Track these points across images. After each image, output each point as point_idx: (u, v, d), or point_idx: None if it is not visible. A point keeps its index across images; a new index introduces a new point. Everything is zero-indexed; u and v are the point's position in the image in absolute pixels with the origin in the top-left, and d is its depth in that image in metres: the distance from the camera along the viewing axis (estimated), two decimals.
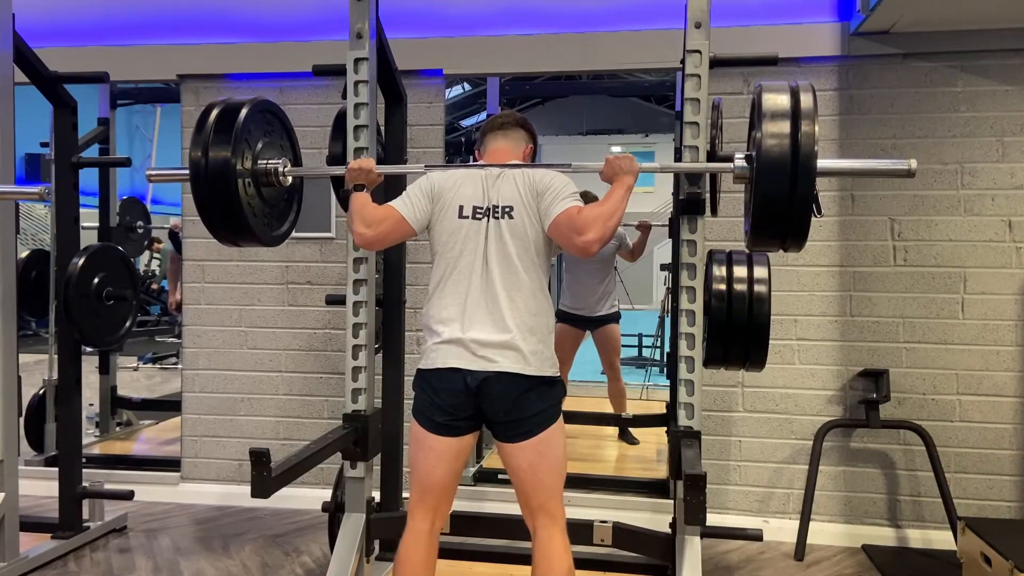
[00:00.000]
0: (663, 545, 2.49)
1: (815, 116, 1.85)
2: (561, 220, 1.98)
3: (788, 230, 1.93)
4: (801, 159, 1.83)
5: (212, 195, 2.20)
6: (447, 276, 2.06)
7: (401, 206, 2.12)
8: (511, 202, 2.05)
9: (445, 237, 2.08)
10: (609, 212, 1.95)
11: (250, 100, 2.31)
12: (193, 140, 2.22)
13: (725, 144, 2.68)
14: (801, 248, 1.99)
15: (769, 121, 1.87)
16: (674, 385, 2.76)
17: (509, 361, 1.97)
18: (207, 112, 2.25)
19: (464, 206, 2.07)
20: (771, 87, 1.96)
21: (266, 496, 2.04)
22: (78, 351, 3.31)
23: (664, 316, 6.59)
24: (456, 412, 2.03)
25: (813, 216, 1.92)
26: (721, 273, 2.41)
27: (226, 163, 2.17)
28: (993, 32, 3.22)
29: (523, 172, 2.09)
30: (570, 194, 2.02)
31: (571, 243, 1.97)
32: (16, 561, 2.91)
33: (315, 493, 3.59)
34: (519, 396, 1.98)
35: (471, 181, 2.10)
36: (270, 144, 2.39)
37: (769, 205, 1.89)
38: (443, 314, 2.04)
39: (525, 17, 3.58)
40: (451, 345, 2.01)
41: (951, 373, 3.34)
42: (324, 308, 3.73)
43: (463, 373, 1.99)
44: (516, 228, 2.03)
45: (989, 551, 2.66)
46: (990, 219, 3.30)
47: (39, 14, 3.64)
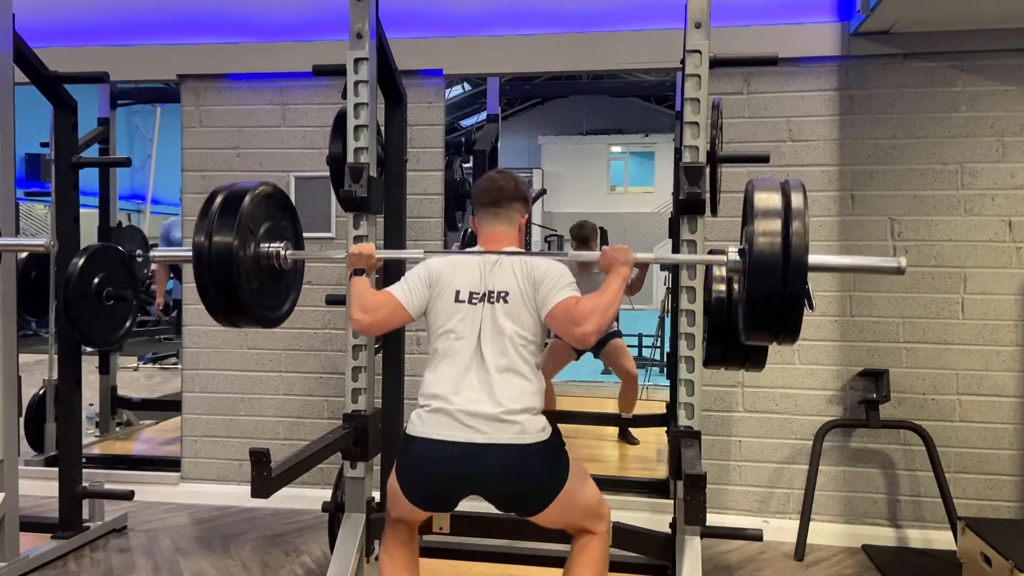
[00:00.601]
0: (663, 545, 2.49)
1: (806, 215, 1.87)
2: (558, 311, 1.99)
3: (780, 325, 1.93)
4: (792, 258, 1.85)
5: (213, 280, 2.20)
6: (442, 356, 2.06)
7: (399, 293, 2.14)
8: (507, 288, 2.06)
9: (441, 320, 2.08)
10: (606, 304, 1.97)
11: (254, 187, 2.32)
12: (197, 225, 2.23)
13: (725, 144, 2.68)
14: (793, 342, 1.98)
15: (760, 219, 1.89)
16: (674, 385, 2.76)
17: (500, 433, 1.92)
18: (212, 197, 2.26)
19: (461, 291, 2.09)
20: (763, 185, 1.97)
21: (266, 496, 2.04)
22: (78, 351, 3.31)
23: (664, 316, 6.59)
24: (439, 491, 2.00)
25: (807, 311, 1.94)
26: (721, 273, 2.41)
27: (228, 250, 2.18)
28: (993, 32, 3.22)
29: (521, 260, 2.10)
30: (567, 284, 2.04)
31: (569, 333, 1.98)
32: (16, 561, 2.91)
33: (315, 493, 3.59)
34: (516, 468, 1.93)
35: (469, 268, 2.12)
36: (272, 228, 2.39)
37: (761, 301, 1.91)
38: (434, 389, 2.01)
39: (525, 17, 3.58)
40: (438, 414, 1.97)
41: (951, 373, 3.34)
42: (324, 308, 3.73)
43: (449, 445, 1.93)
44: (511, 312, 2.04)
45: (989, 551, 2.66)
46: (990, 219, 3.30)
47: (39, 14, 3.64)
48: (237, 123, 3.87)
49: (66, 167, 3.23)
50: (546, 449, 1.97)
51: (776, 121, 3.44)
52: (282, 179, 3.81)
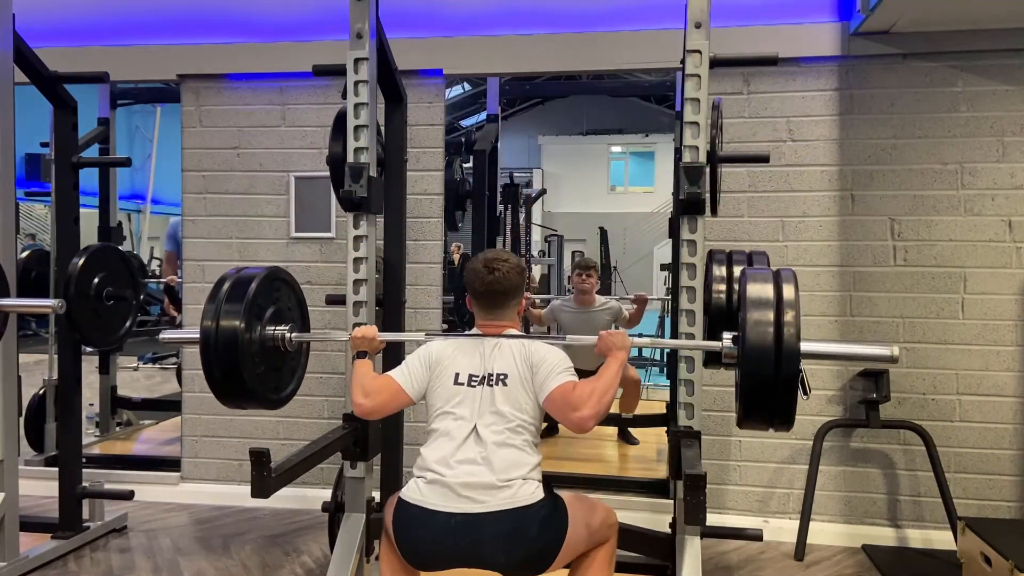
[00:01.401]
0: (663, 545, 2.48)
1: (798, 304, 1.92)
2: (556, 395, 2.00)
3: (775, 411, 1.96)
4: (784, 346, 1.90)
5: (219, 363, 2.23)
6: (439, 435, 2.05)
7: (399, 377, 2.15)
8: (506, 371, 2.07)
9: (440, 402, 2.09)
10: (604, 388, 1.97)
11: (262, 272, 2.34)
12: (205, 310, 2.26)
13: (725, 144, 2.68)
14: (789, 428, 2.01)
15: (753, 308, 1.94)
16: (674, 385, 2.77)
17: (496, 500, 1.92)
18: (220, 283, 2.29)
19: (460, 373, 2.10)
20: (755, 276, 2.01)
21: (266, 496, 2.04)
22: (78, 351, 3.31)
23: (664, 316, 6.59)
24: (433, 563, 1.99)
25: (802, 398, 1.97)
26: (721, 273, 2.41)
27: (235, 333, 2.20)
28: (993, 32, 3.22)
29: (520, 344, 2.11)
30: (564, 369, 2.04)
31: (567, 418, 1.98)
32: (16, 561, 2.91)
33: (315, 493, 3.59)
34: (516, 535, 1.92)
35: (469, 351, 2.13)
36: (278, 311, 2.41)
37: (755, 387, 1.94)
38: (430, 464, 2.01)
39: (525, 17, 3.58)
40: (434, 485, 1.96)
41: (951, 373, 3.34)
42: (324, 308, 3.72)
43: (445, 516, 1.92)
44: (510, 395, 2.04)
45: (989, 551, 2.66)
46: (990, 219, 3.30)
47: (39, 14, 3.63)
48: (237, 123, 3.87)
49: (66, 167, 3.23)
50: (542, 508, 1.96)
51: (776, 121, 3.44)
52: (282, 179, 3.82)
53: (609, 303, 4.63)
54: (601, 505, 2.17)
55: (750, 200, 3.45)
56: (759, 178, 3.44)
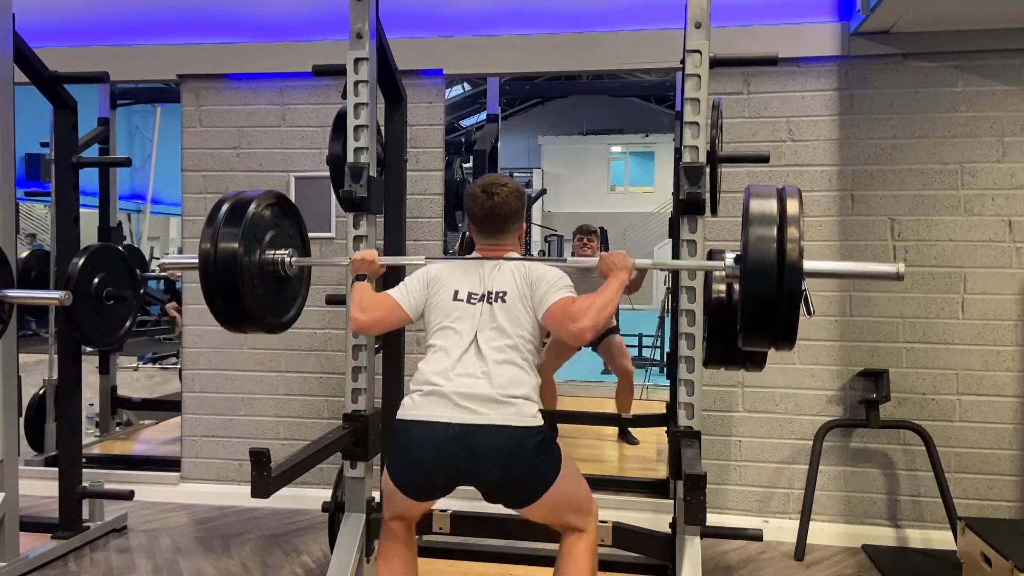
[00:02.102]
0: (663, 545, 2.49)
1: (801, 221, 1.89)
2: (555, 309, 2.01)
3: (777, 330, 1.94)
4: (787, 263, 1.86)
5: (219, 286, 2.23)
6: (437, 349, 2.06)
7: (397, 294, 2.16)
8: (506, 288, 2.08)
9: (439, 317, 2.10)
10: (603, 303, 1.99)
11: (260, 194, 2.35)
12: (203, 233, 2.26)
13: (725, 144, 2.68)
14: (791, 348, 1.99)
15: (756, 225, 1.91)
16: (674, 385, 2.77)
17: (496, 414, 1.92)
18: (218, 206, 2.29)
19: (459, 290, 2.11)
20: (759, 192, 1.99)
21: (266, 496, 2.04)
22: (78, 351, 3.31)
23: (664, 316, 6.59)
24: (433, 476, 1.98)
25: (805, 316, 1.94)
26: (721, 274, 2.40)
27: (234, 256, 2.21)
28: (993, 32, 3.22)
29: (520, 264, 2.12)
30: (564, 286, 2.06)
31: (565, 329, 2.00)
32: (16, 561, 2.91)
33: (315, 493, 3.59)
34: (513, 452, 1.92)
35: (468, 271, 2.14)
36: (279, 235, 2.42)
37: (757, 305, 1.92)
38: (427, 376, 2.01)
39: (525, 17, 3.58)
40: (432, 396, 1.96)
41: (951, 373, 3.34)
42: (324, 308, 3.72)
43: (443, 426, 1.92)
44: (510, 311, 2.05)
45: (989, 551, 2.66)
46: (990, 219, 3.30)
47: (39, 14, 3.63)
48: (237, 123, 3.87)
49: (66, 167, 3.23)
50: (541, 436, 1.97)
51: (776, 121, 3.44)
52: (282, 179, 3.82)
53: None
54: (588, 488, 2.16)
55: None
56: (759, 178, 3.44)
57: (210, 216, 2.28)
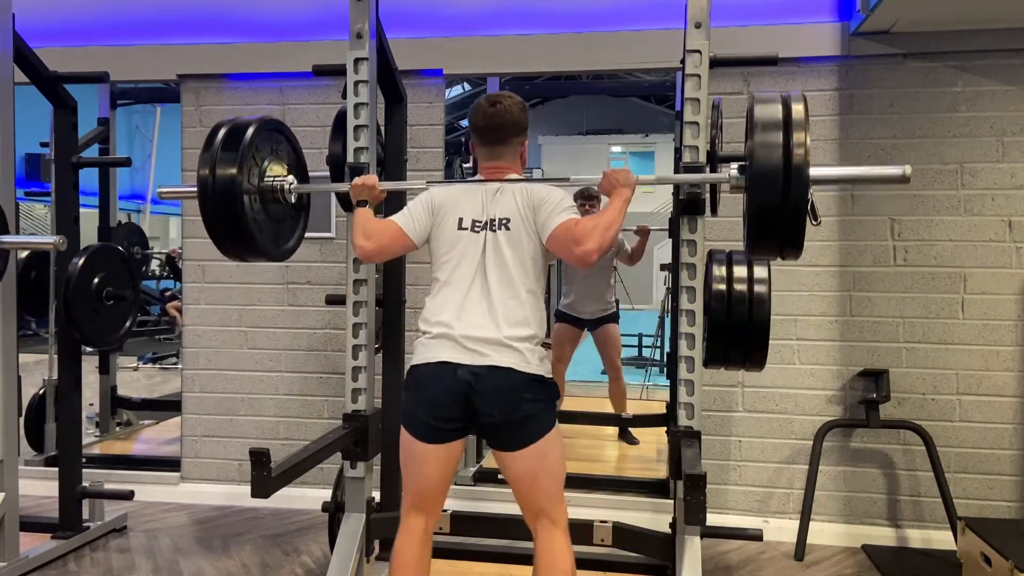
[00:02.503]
0: (663, 545, 2.49)
1: (806, 126, 1.87)
2: (559, 232, 2.01)
3: (784, 238, 1.95)
4: (793, 168, 1.85)
5: (219, 212, 2.23)
6: (444, 283, 2.08)
7: (401, 220, 2.16)
8: (509, 214, 2.08)
9: (444, 248, 2.10)
10: (607, 223, 1.98)
11: (257, 119, 2.34)
12: (201, 158, 2.25)
13: (725, 144, 2.68)
14: (799, 256, 2.02)
15: (761, 131, 1.89)
16: (674, 385, 2.76)
17: (502, 356, 1.96)
18: (215, 131, 2.28)
19: (463, 218, 2.10)
20: (763, 97, 1.98)
21: (266, 496, 2.05)
22: (78, 351, 3.31)
23: (664, 316, 6.59)
24: (443, 412, 2.00)
25: (811, 223, 1.93)
26: (721, 273, 2.41)
27: (233, 181, 2.20)
28: (993, 32, 3.22)
29: (522, 187, 2.11)
30: (567, 207, 2.05)
31: (570, 253, 2.00)
32: (16, 561, 2.91)
33: (315, 493, 3.59)
34: (515, 393, 1.96)
35: (471, 196, 2.14)
36: (277, 161, 2.42)
37: (764, 214, 1.92)
38: (436, 316, 2.05)
39: (525, 17, 3.58)
40: (442, 340, 2.01)
41: (951, 373, 3.34)
42: (324, 308, 3.73)
43: (453, 367, 1.97)
44: (513, 239, 2.06)
45: (989, 551, 2.66)
46: (990, 219, 3.30)
47: (39, 14, 3.63)
48: None
49: (66, 167, 3.23)
50: (544, 384, 2.01)
51: None
52: None
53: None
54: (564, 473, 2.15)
55: None
56: None
57: (207, 142, 2.26)
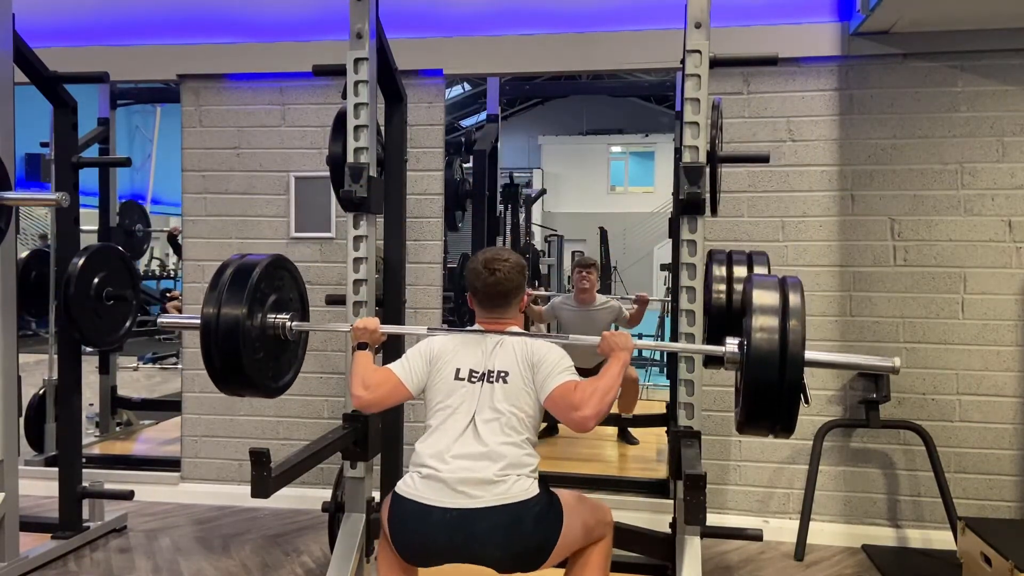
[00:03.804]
0: (663, 545, 2.49)
1: (803, 313, 1.92)
2: (557, 395, 2.00)
3: (776, 417, 1.98)
4: (790, 353, 1.90)
5: (219, 351, 2.23)
6: (437, 428, 2.05)
7: (399, 370, 2.15)
8: (507, 368, 2.07)
9: (440, 396, 2.08)
10: (605, 388, 1.96)
11: (264, 259, 2.35)
12: (207, 297, 2.25)
13: (725, 144, 2.68)
14: (789, 435, 2.03)
15: (759, 316, 1.93)
16: (674, 385, 2.77)
17: (492, 496, 1.91)
18: (222, 270, 2.30)
19: (461, 369, 2.09)
20: (761, 283, 2.01)
21: (266, 496, 2.05)
22: (78, 351, 3.31)
23: (664, 316, 6.59)
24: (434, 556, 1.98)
25: (803, 404, 1.97)
26: (721, 273, 2.41)
27: (236, 322, 2.21)
28: (993, 32, 3.22)
29: (522, 341, 2.11)
30: (565, 368, 2.04)
31: (568, 418, 1.98)
32: (16, 561, 2.91)
33: (315, 493, 3.59)
34: (512, 529, 1.91)
35: (470, 347, 2.13)
36: (279, 299, 2.42)
37: (758, 392, 1.95)
38: (423, 459, 2.01)
39: (525, 17, 3.58)
40: (429, 480, 1.96)
41: (951, 373, 3.34)
42: (324, 308, 3.72)
43: (439, 511, 1.91)
44: (509, 392, 2.04)
45: (989, 551, 2.66)
46: (990, 219, 3.30)
47: (39, 14, 3.63)
48: (237, 123, 3.87)
49: (66, 167, 3.23)
50: (537, 504, 1.95)
51: (776, 121, 3.44)
52: (282, 179, 3.82)
53: (610, 302, 4.63)
54: (597, 503, 2.17)
55: (750, 200, 3.45)
56: (759, 178, 3.44)
57: (213, 280, 2.27)
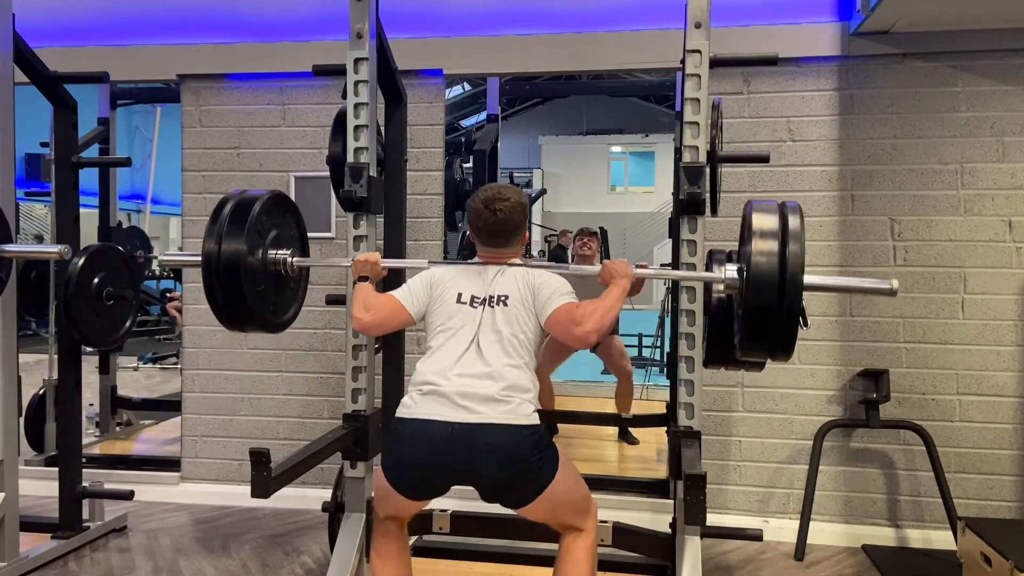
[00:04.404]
0: (663, 545, 2.49)
1: (803, 236, 1.95)
2: (559, 314, 2.03)
3: (775, 341, 1.99)
4: (789, 276, 1.92)
5: (221, 285, 2.25)
6: (437, 348, 2.07)
7: (401, 295, 2.18)
8: (508, 292, 2.10)
9: (441, 319, 2.10)
10: (607, 307, 2.01)
11: (264, 194, 2.37)
12: (207, 231, 2.27)
13: (725, 144, 2.69)
14: (788, 359, 2.06)
15: (759, 240, 1.96)
16: (674, 385, 2.76)
17: (495, 413, 1.93)
18: (222, 205, 2.31)
19: (463, 293, 2.12)
20: (761, 207, 2.05)
21: (266, 496, 2.05)
22: (78, 351, 3.31)
23: (664, 316, 6.59)
24: (432, 475, 1.97)
25: (802, 328, 1.98)
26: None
27: (237, 256, 2.23)
28: (993, 32, 3.22)
29: (523, 270, 2.14)
30: (567, 292, 2.08)
31: (569, 333, 2.01)
32: (16, 561, 2.91)
33: (315, 493, 3.59)
34: (511, 450, 1.92)
35: (471, 275, 2.16)
36: (280, 235, 2.44)
37: (758, 317, 1.97)
38: (425, 376, 2.02)
39: (525, 17, 3.58)
40: (431, 395, 1.97)
41: (951, 373, 3.34)
42: (324, 308, 3.73)
43: (442, 424, 1.92)
44: (510, 315, 2.07)
45: (989, 551, 2.66)
46: (990, 219, 3.30)
47: (39, 14, 3.63)
48: (237, 123, 3.87)
49: (66, 167, 3.23)
50: (538, 435, 1.98)
51: (776, 121, 3.44)
52: (282, 179, 3.81)
53: None
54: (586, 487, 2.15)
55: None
56: (759, 178, 3.44)
57: (214, 214, 2.29)
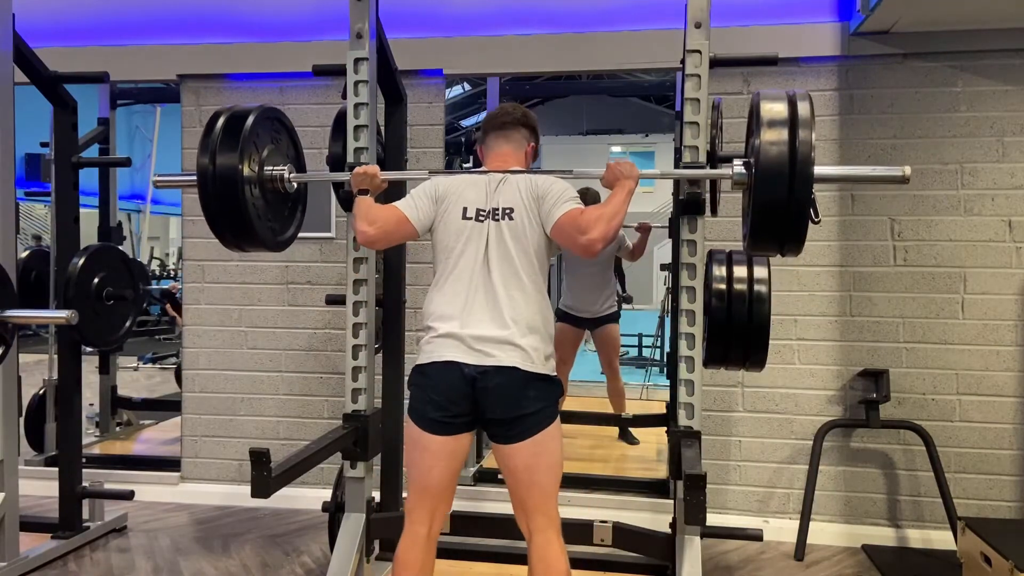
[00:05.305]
0: (663, 545, 2.49)
1: (812, 124, 1.88)
2: (564, 221, 2.02)
3: (786, 235, 1.96)
4: (799, 166, 1.86)
5: (219, 201, 2.23)
6: (447, 274, 2.08)
7: (405, 207, 2.15)
8: (512, 204, 2.08)
9: (448, 239, 2.10)
10: (612, 213, 1.99)
11: (257, 107, 2.34)
12: (201, 146, 2.24)
13: (725, 144, 2.69)
14: (799, 253, 2.04)
15: (767, 129, 1.90)
16: (674, 385, 2.77)
17: (507, 356, 1.97)
18: (215, 118, 2.27)
19: (467, 208, 2.10)
20: (769, 95, 1.99)
21: (266, 496, 2.05)
22: (78, 351, 3.31)
23: (664, 316, 6.59)
24: (451, 407, 2.01)
25: (812, 221, 1.95)
26: (721, 273, 2.41)
27: (233, 169, 2.20)
28: (993, 32, 3.22)
29: (526, 177, 2.12)
30: (571, 198, 2.06)
31: (575, 242, 2.00)
32: (16, 561, 2.91)
33: (315, 493, 3.59)
34: (517, 392, 1.98)
35: (474, 185, 2.14)
36: (275, 151, 2.42)
37: (767, 211, 1.92)
38: (442, 311, 2.05)
39: (525, 17, 3.58)
40: (448, 339, 2.02)
41: (951, 373, 3.34)
42: (324, 308, 3.73)
43: (460, 366, 1.98)
44: (517, 229, 2.06)
45: (989, 551, 2.66)
46: (990, 219, 3.30)
47: (39, 14, 3.64)
48: None
49: (66, 167, 3.23)
50: (548, 383, 2.02)
51: None
52: None
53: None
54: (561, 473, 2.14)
55: None
56: None
57: (207, 128, 2.24)
